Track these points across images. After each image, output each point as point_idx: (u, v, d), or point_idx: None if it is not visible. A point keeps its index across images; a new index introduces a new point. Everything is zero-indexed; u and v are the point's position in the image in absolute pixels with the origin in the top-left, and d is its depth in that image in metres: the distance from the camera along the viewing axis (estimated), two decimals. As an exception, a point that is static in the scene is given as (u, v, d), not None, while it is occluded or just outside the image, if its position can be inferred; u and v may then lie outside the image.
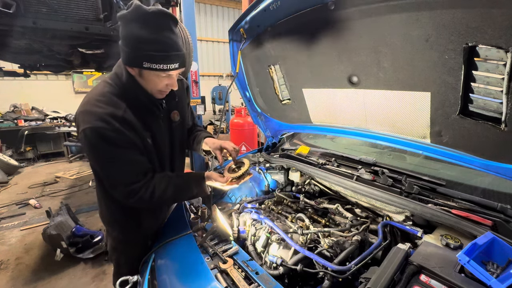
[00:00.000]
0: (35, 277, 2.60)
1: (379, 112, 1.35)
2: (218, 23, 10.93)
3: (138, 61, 0.98)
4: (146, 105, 1.13)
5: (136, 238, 1.39)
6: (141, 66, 0.98)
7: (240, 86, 1.96)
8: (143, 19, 0.94)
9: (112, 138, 1.02)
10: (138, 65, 0.99)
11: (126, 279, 1.18)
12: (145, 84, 1.08)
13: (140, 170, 1.14)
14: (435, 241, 0.99)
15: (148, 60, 0.97)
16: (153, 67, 0.98)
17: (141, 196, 1.11)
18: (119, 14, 0.98)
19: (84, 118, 1.02)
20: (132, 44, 0.97)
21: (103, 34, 2.17)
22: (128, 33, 0.97)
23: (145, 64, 0.97)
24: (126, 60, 1.02)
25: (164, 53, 0.98)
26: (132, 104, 1.09)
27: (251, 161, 2.02)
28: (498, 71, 0.86)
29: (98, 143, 1.02)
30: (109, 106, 1.04)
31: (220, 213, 1.28)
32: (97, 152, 1.07)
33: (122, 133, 1.04)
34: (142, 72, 1.03)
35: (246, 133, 5.52)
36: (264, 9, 1.37)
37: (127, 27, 0.97)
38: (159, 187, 1.14)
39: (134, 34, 0.96)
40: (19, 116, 6.85)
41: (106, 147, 1.03)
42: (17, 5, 1.81)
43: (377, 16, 1.02)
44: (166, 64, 0.99)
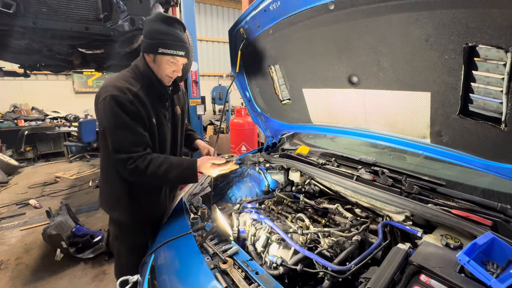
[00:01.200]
0: (35, 277, 2.60)
1: (379, 112, 1.35)
2: (218, 23, 10.92)
3: (154, 47, 1.26)
4: (157, 89, 1.36)
5: (135, 221, 1.48)
6: (157, 51, 1.27)
7: (240, 86, 1.96)
8: (161, 19, 1.27)
9: (125, 106, 1.23)
10: (154, 51, 1.27)
11: (126, 279, 1.18)
12: (157, 69, 1.33)
13: (141, 142, 1.29)
14: (435, 241, 0.99)
15: (162, 46, 1.25)
16: (165, 52, 1.26)
17: (138, 165, 1.25)
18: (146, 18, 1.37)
19: (105, 89, 1.25)
20: (152, 35, 1.26)
21: (103, 34, 2.16)
22: (150, 28, 1.27)
23: (160, 49, 1.26)
24: (146, 48, 1.30)
25: (174, 42, 1.27)
26: (146, 86, 1.33)
27: (251, 161, 2.03)
28: (498, 71, 0.86)
29: (114, 108, 1.21)
30: (126, 83, 1.28)
31: (220, 213, 1.28)
32: (111, 117, 1.23)
33: (134, 105, 1.25)
34: (156, 57, 1.30)
35: (246, 133, 5.52)
36: (264, 9, 1.37)
37: (149, 25, 1.28)
38: (154, 162, 1.28)
39: (154, 28, 1.26)
40: (19, 116, 6.85)
41: (119, 113, 1.22)
42: (17, 5, 1.81)
43: (377, 16, 1.02)
44: (175, 51, 1.27)
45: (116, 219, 1.52)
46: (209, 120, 9.24)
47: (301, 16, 1.25)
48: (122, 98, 1.22)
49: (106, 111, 1.23)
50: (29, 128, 6.43)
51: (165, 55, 1.27)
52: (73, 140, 6.92)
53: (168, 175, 1.29)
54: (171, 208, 1.60)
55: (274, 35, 1.47)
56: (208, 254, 1.13)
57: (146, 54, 1.32)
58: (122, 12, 2.14)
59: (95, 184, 4.99)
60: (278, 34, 1.45)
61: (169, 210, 1.59)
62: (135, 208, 1.44)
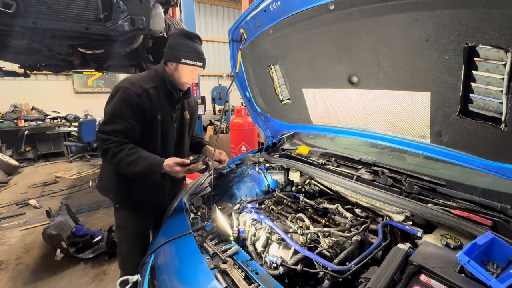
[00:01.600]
0: (35, 277, 2.60)
1: (379, 112, 1.35)
2: (218, 23, 10.91)
3: (178, 58, 1.45)
4: (168, 90, 1.50)
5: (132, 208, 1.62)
6: (180, 61, 1.45)
7: (240, 86, 1.96)
8: (185, 34, 1.47)
9: (130, 97, 1.38)
10: (178, 60, 1.45)
11: (126, 279, 1.18)
12: (178, 76, 1.49)
13: (127, 133, 1.41)
14: (435, 241, 0.99)
15: (185, 57, 1.45)
16: (187, 62, 1.45)
17: (110, 147, 1.37)
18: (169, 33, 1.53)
19: (122, 82, 1.43)
20: (177, 47, 1.45)
21: (103, 34, 2.16)
22: (175, 41, 1.46)
23: (183, 60, 1.44)
24: (170, 57, 1.47)
25: (196, 54, 1.48)
26: (159, 86, 1.48)
27: (251, 161, 2.03)
28: (498, 71, 0.86)
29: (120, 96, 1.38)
30: (141, 80, 1.46)
31: (220, 213, 1.28)
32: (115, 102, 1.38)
33: (139, 98, 1.40)
34: (178, 66, 1.47)
35: (246, 133, 5.52)
36: (264, 9, 1.37)
37: (175, 39, 1.47)
38: (126, 151, 1.38)
39: (179, 42, 1.46)
40: (19, 116, 6.84)
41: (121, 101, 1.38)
42: (17, 5, 1.80)
43: (377, 16, 1.02)
44: (196, 62, 1.47)
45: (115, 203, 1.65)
46: (209, 120, 9.24)
47: (301, 16, 1.24)
48: (130, 90, 1.39)
49: (113, 96, 1.40)
50: (29, 128, 6.43)
51: (187, 65, 1.46)
52: (73, 140, 6.92)
53: (134, 167, 1.37)
54: (171, 208, 1.60)
55: (274, 35, 1.47)
56: (208, 254, 1.13)
57: (170, 63, 1.49)
58: (122, 12, 2.14)
59: (95, 184, 4.99)
60: (278, 34, 1.45)
61: (169, 210, 1.59)
62: (127, 192, 1.57)
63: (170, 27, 3.07)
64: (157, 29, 2.45)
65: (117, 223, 1.70)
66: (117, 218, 1.69)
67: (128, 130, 1.41)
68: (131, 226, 1.65)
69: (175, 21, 3.27)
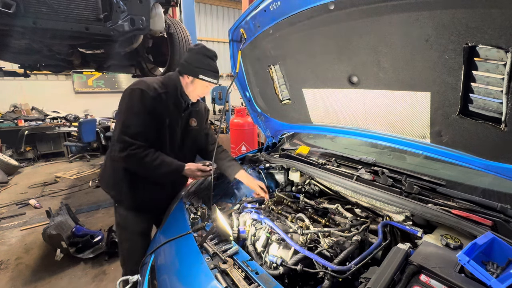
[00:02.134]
0: (35, 277, 2.60)
1: (379, 112, 1.35)
2: (218, 23, 10.92)
3: (196, 73, 1.50)
4: (177, 98, 1.56)
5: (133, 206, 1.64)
6: (197, 76, 1.50)
7: (240, 86, 1.96)
8: (204, 53, 1.52)
9: (147, 100, 1.43)
10: (195, 75, 1.50)
11: (126, 279, 1.18)
12: (191, 88, 1.56)
13: (147, 135, 1.47)
14: (435, 241, 0.99)
15: (203, 74, 1.51)
16: (204, 79, 1.51)
17: (136, 152, 1.42)
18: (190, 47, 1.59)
19: (137, 84, 1.46)
20: (196, 63, 1.50)
21: (103, 34, 2.16)
22: (195, 57, 1.51)
23: (200, 76, 1.50)
24: (187, 71, 1.52)
25: (213, 72, 1.53)
26: (169, 93, 1.53)
27: (251, 161, 2.03)
28: (498, 71, 0.86)
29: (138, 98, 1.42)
30: (155, 84, 1.50)
31: (220, 213, 1.28)
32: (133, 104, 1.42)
33: (154, 102, 1.45)
34: (194, 80, 1.52)
35: (246, 133, 5.51)
36: (264, 9, 1.37)
37: (195, 55, 1.52)
38: (151, 156, 1.46)
39: (199, 58, 1.51)
40: (19, 116, 6.85)
41: (140, 103, 1.42)
42: (17, 5, 1.80)
43: (377, 16, 1.02)
44: (212, 79, 1.54)
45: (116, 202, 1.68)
46: (209, 120, 9.22)
47: (301, 16, 1.24)
48: (147, 93, 1.43)
49: (131, 98, 1.43)
50: (29, 128, 6.43)
51: (203, 81, 1.52)
52: (73, 140, 6.92)
53: (158, 170, 1.48)
54: (171, 208, 1.60)
55: (274, 35, 1.47)
56: (208, 254, 1.13)
57: (186, 75, 1.54)
58: (122, 12, 2.14)
59: (95, 184, 4.99)
60: (278, 34, 1.45)
61: (169, 210, 1.59)
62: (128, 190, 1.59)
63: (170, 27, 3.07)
64: (157, 29, 2.46)
65: (117, 221, 1.72)
66: (117, 216, 1.70)
67: (148, 132, 1.47)
68: (131, 224, 1.67)
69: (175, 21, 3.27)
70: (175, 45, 3.07)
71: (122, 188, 1.60)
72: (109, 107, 8.38)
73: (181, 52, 3.12)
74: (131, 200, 1.62)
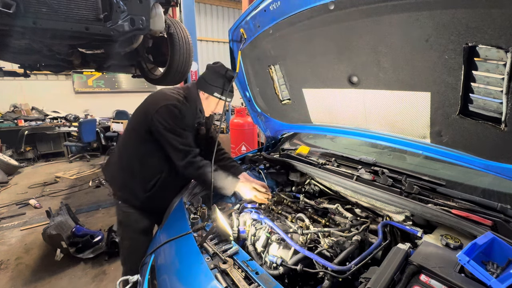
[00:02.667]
0: (35, 277, 2.60)
1: (379, 112, 1.35)
2: (218, 23, 10.91)
3: (212, 91, 1.60)
4: (195, 112, 1.64)
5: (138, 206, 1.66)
6: (212, 94, 1.61)
7: (240, 86, 1.96)
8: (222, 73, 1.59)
9: (183, 113, 1.53)
10: (211, 93, 1.60)
11: (126, 279, 1.18)
12: (206, 104, 1.65)
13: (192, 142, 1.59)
14: (435, 241, 0.99)
15: (218, 92, 1.60)
16: (218, 97, 1.61)
17: (196, 161, 1.53)
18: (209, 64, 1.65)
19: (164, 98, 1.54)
20: (213, 82, 1.59)
21: (103, 34, 2.16)
22: (213, 75, 1.60)
23: (215, 94, 1.60)
24: (204, 88, 1.61)
25: (228, 91, 1.62)
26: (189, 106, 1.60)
27: (251, 161, 2.03)
28: (498, 71, 0.86)
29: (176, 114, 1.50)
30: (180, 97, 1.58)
31: (220, 213, 1.28)
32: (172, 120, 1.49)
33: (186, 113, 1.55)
34: (209, 97, 1.62)
35: (246, 133, 5.51)
36: (264, 9, 1.37)
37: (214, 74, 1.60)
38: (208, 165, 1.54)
39: (215, 79, 1.59)
40: (19, 116, 6.85)
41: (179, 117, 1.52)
42: (17, 5, 1.80)
43: (377, 16, 1.02)
44: (226, 97, 1.63)
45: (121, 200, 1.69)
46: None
47: (301, 16, 1.24)
48: (179, 107, 1.52)
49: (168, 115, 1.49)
50: (29, 128, 6.43)
51: (218, 99, 1.62)
52: (73, 140, 6.92)
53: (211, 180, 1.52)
54: (171, 207, 1.60)
55: (274, 35, 1.47)
56: (208, 254, 1.13)
57: (202, 91, 1.63)
58: (122, 12, 2.14)
59: (95, 184, 4.99)
60: (278, 34, 1.45)
61: (169, 210, 1.59)
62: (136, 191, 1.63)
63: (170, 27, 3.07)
64: (157, 29, 2.45)
65: (119, 219, 1.72)
66: (120, 214, 1.71)
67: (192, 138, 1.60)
68: (134, 222, 1.68)
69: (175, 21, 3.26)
70: (175, 45, 3.06)
71: (131, 189, 1.63)
72: (109, 107, 8.39)
73: (181, 52, 3.12)
74: (138, 201, 1.64)
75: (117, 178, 1.71)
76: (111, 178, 1.77)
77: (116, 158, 1.73)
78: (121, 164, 1.68)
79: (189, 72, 3.95)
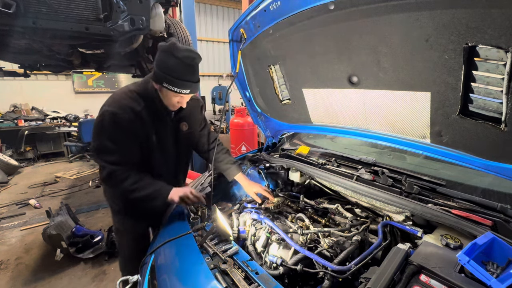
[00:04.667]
0: (35, 277, 2.60)
1: (379, 112, 1.35)
2: (218, 23, 10.91)
3: (160, 81, 1.28)
4: (158, 109, 1.40)
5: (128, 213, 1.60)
6: (162, 84, 1.28)
7: (240, 86, 1.96)
8: (172, 51, 1.23)
9: (121, 124, 1.29)
10: (160, 83, 1.29)
11: (126, 279, 1.18)
12: (163, 97, 1.37)
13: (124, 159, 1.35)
14: (435, 241, 0.99)
15: (167, 82, 1.27)
16: (169, 88, 1.28)
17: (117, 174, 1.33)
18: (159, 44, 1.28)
19: (110, 102, 1.32)
20: (159, 67, 1.27)
21: (103, 34, 2.16)
22: (160, 59, 1.27)
23: (165, 84, 1.27)
24: (153, 77, 1.33)
25: (179, 80, 1.26)
26: (149, 105, 1.37)
27: (251, 161, 2.03)
28: (498, 71, 0.86)
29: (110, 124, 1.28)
30: (132, 101, 1.33)
31: (220, 213, 1.28)
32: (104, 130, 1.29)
33: (132, 123, 1.31)
34: (161, 88, 1.32)
35: (246, 133, 5.51)
36: (264, 9, 1.37)
37: (160, 54, 1.27)
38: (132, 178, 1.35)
39: (163, 61, 1.26)
40: (19, 116, 6.84)
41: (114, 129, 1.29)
42: (17, 5, 1.80)
43: (377, 16, 1.02)
44: (179, 89, 1.28)
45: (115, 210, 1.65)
46: (209, 120, 9.21)
47: (301, 16, 1.24)
48: (121, 116, 1.29)
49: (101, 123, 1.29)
50: (29, 128, 6.43)
51: (169, 90, 1.29)
52: (73, 140, 6.92)
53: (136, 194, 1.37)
54: (171, 208, 1.60)
55: (274, 35, 1.47)
56: (208, 254, 1.13)
57: (154, 82, 1.34)
58: (122, 12, 2.14)
59: (95, 184, 4.99)
60: (278, 34, 1.45)
61: (169, 210, 1.59)
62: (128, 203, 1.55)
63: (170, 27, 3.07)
64: (157, 29, 2.46)
65: (116, 227, 1.72)
66: (115, 222, 1.69)
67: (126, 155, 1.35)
68: (130, 229, 1.66)
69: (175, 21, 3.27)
70: (175, 45, 3.06)
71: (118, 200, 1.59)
72: (109, 107, 8.37)
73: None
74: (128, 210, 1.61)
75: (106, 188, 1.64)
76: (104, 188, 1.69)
77: None
78: None
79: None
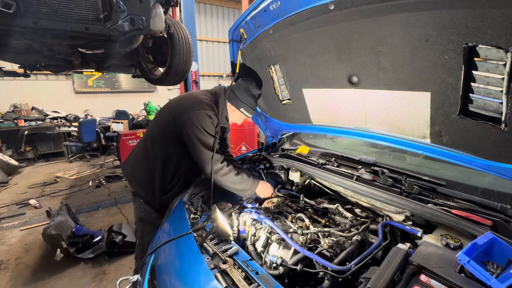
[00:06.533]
0: (35, 277, 2.60)
1: (379, 112, 1.35)
2: (218, 23, 10.91)
3: (239, 106, 1.69)
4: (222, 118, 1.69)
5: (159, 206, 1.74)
6: (239, 109, 1.69)
7: (240, 86, 1.96)
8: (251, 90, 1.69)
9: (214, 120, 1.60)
10: (238, 107, 1.69)
11: (126, 279, 1.18)
12: (231, 115, 1.75)
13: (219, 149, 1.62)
14: (435, 241, 0.99)
15: (245, 108, 1.70)
16: (243, 112, 1.71)
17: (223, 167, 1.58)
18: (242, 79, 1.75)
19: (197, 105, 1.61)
20: (242, 98, 1.67)
21: (103, 34, 2.16)
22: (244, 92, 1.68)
23: (241, 109, 1.69)
24: (233, 101, 1.69)
25: (252, 109, 1.72)
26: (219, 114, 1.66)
27: (251, 161, 2.03)
28: (498, 71, 0.86)
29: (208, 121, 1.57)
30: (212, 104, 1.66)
31: (220, 213, 1.28)
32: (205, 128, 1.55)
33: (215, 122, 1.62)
34: (235, 110, 1.71)
35: (246, 133, 5.51)
36: (264, 9, 1.37)
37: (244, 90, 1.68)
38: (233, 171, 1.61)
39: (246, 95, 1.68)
40: (19, 116, 6.85)
41: (210, 125, 1.59)
42: (17, 5, 1.80)
43: (377, 16, 1.02)
44: (250, 114, 1.73)
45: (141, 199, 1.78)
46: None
47: (301, 16, 1.24)
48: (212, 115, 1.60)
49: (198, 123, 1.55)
50: (29, 128, 6.43)
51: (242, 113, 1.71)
52: (73, 140, 6.91)
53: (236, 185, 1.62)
54: (171, 207, 1.60)
55: (274, 35, 1.47)
56: (208, 254, 1.13)
57: (230, 104, 1.70)
58: (122, 12, 2.13)
59: (95, 184, 5.00)
60: (278, 34, 1.45)
61: (169, 210, 1.59)
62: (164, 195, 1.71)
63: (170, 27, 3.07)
64: (157, 29, 2.45)
65: (140, 216, 1.80)
66: (141, 212, 1.79)
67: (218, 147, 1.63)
68: (155, 219, 1.74)
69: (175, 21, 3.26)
70: (175, 45, 3.06)
71: (154, 191, 1.71)
72: (109, 107, 8.38)
73: (181, 52, 3.12)
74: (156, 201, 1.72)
75: (141, 178, 1.76)
76: (132, 176, 1.82)
77: (141, 157, 1.77)
78: (147, 165, 1.73)
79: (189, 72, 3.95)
